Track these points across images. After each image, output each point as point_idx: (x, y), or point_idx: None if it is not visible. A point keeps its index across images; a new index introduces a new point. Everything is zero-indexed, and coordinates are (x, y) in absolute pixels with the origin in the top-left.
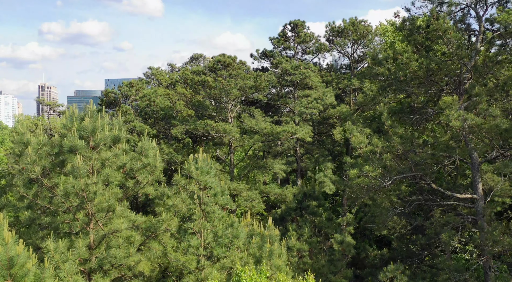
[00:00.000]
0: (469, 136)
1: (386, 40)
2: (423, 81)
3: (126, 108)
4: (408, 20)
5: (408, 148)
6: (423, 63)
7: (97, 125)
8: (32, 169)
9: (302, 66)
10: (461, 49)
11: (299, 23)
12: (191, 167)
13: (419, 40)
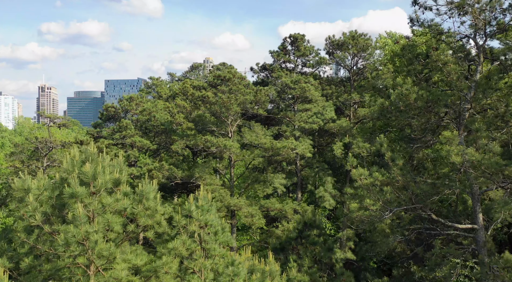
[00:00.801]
0: (469, 171)
1: (386, 53)
2: (422, 112)
3: (126, 123)
4: (408, 48)
5: (408, 179)
6: (423, 95)
7: (98, 171)
8: (33, 216)
9: (302, 80)
10: (461, 82)
11: (299, 37)
12: (192, 207)
13: (419, 69)
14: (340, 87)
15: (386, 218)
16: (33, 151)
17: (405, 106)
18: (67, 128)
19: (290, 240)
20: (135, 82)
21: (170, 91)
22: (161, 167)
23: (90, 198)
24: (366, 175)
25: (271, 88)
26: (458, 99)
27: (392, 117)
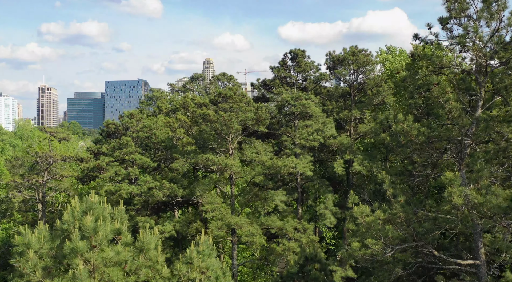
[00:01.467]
0: (471, 212)
1: (386, 69)
2: (424, 147)
3: (127, 140)
4: (409, 79)
5: (410, 216)
6: (424, 132)
7: (99, 225)
8: (33, 272)
9: (302, 97)
10: (462, 119)
11: (299, 53)
12: (193, 254)
13: (420, 103)
14: (340, 102)
15: (387, 255)
16: (34, 164)
17: (406, 141)
18: (67, 141)
19: (292, 275)
20: (135, 83)
21: (170, 103)
22: (161, 186)
23: (91, 252)
24: (368, 212)
25: (272, 104)
26: (460, 135)
27: (393, 151)
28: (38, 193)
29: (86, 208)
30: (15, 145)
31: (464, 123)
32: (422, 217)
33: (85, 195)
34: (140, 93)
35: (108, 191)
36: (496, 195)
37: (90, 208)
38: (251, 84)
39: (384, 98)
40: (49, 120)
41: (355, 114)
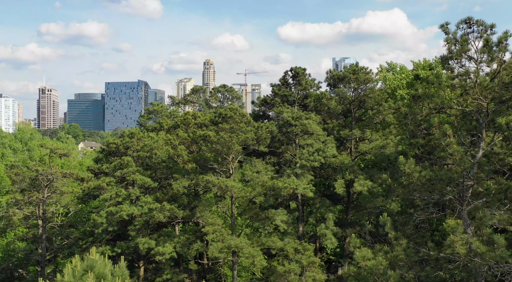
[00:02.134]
0: (474, 259)
1: (387, 87)
2: (425, 189)
3: (127, 160)
4: (409, 118)
5: (413, 260)
6: (425, 175)
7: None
8: None
9: (303, 117)
10: (464, 162)
11: (300, 72)
12: None
13: (421, 143)
14: (341, 120)
15: None
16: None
17: (408, 183)
18: (67, 157)
19: None
20: (135, 84)
21: (171, 117)
22: (162, 208)
23: None
24: (369, 256)
25: (272, 124)
26: (461, 177)
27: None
28: (39, 209)
29: (86, 266)
30: (16, 149)
31: (465, 166)
32: (424, 256)
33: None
34: (141, 94)
35: (108, 212)
36: (498, 245)
37: (90, 266)
38: (252, 102)
39: (384, 117)
40: (49, 121)
41: (356, 133)
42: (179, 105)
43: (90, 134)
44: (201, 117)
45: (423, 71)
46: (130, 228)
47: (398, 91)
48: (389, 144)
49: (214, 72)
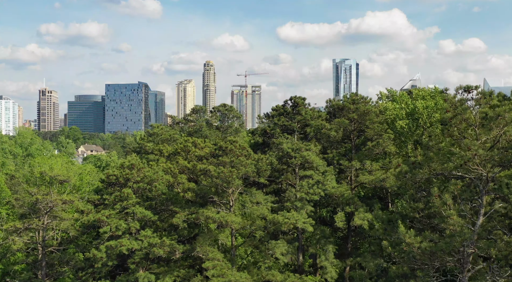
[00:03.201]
0: None
1: (386, 117)
2: (426, 257)
3: (127, 193)
4: (409, 182)
5: None
6: (426, 248)
7: None
8: None
9: (303, 148)
10: (464, 233)
11: (299, 102)
12: None
13: (421, 207)
14: (340, 148)
15: None
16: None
17: (408, 252)
18: (67, 182)
19: None
20: (135, 86)
21: (170, 140)
22: (162, 243)
23: None
24: None
25: (272, 154)
26: (461, 245)
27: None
28: (38, 235)
29: None
30: (16, 154)
31: (466, 236)
32: None
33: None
34: (141, 96)
35: (108, 246)
36: None
37: None
38: (252, 132)
39: (384, 148)
40: (49, 123)
41: (355, 164)
42: (179, 125)
43: (90, 137)
44: (201, 144)
45: (423, 101)
46: (130, 261)
47: (397, 121)
48: (388, 177)
49: (214, 74)
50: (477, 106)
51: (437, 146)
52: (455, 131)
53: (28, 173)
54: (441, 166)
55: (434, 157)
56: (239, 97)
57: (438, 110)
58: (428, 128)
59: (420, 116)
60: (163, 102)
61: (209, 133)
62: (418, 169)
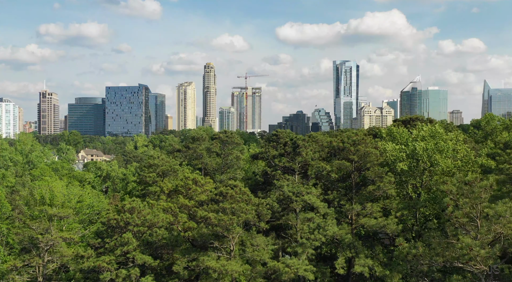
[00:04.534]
0: None
1: (387, 158)
2: None
3: (128, 238)
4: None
5: None
6: None
7: None
8: None
9: (303, 192)
10: None
11: (300, 143)
12: None
13: None
14: (341, 188)
15: None
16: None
17: None
18: (67, 218)
19: None
20: (136, 88)
21: (171, 171)
22: None
23: None
24: None
25: (273, 197)
26: None
27: None
28: (38, 271)
29: None
30: (16, 162)
31: None
32: None
33: None
34: (141, 98)
35: None
36: None
37: None
38: (253, 173)
39: (385, 191)
40: (50, 125)
41: (356, 207)
42: (180, 152)
43: (91, 140)
44: (202, 181)
45: (422, 142)
46: None
47: (398, 163)
48: (389, 224)
49: (214, 76)
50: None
51: (437, 238)
52: (456, 224)
53: (29, 195)
54: (443, 258)
55: (436, 247)
56: (239, 99)
57: (438, 152)
58: (429, 168)
59: (421, 158)
60: (163, 104)
61: (209, 161)
62: (420, 261)
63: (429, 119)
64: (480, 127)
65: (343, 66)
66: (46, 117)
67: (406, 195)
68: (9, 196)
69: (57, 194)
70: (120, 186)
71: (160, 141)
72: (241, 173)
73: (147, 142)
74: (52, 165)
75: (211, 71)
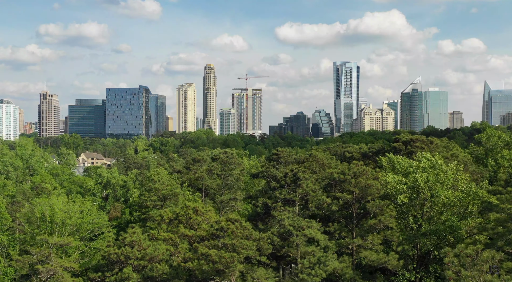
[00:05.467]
0: None
1: (388, 190)
2: None
3: (128, 273)
4: None
5: None
6: None
7: None
8: None
9: (304, 226)
10: None
11: (301, 176)
12: None
13: None
14: (342, 220)
15: None
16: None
17: None
18: (68, 247)
19: None
20: (136, 90)
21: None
22: None
23: None
24: None
25: (273, 230)
26: None
27: None
28: None
29: None
30: (17, 167)
31: None
32: None
33: None
34: (142, 100)
35: None
36: None
37: None
38: (254, 205)
39: (386, 225)
40: (50, 126)
41: (357, 241)
42: (181, 174)
43: (91, 142)
44: (202, 209)
45: (424, 174)
46: None
47: (399, 195)
48: (390, 260)
49: (215, 77)
50: None
51: None
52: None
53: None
54: None
55: None
56: (240, 100)
57: (439, 184)
58: (430, 198)
59: (422, 191)
60: (163, 105)
61: (210, 183)
62: None
63: (430, 140)
64: (481, 142)
65: (344, 67)
66: (47, 118)
67: (407, 226)
68: (9, 207)
69: (58, 211)
70: (120, 194)
71: (161, 144)
72: (242, 194)
73: (147, 146)
74: (53, 170)
75: (211, 72)
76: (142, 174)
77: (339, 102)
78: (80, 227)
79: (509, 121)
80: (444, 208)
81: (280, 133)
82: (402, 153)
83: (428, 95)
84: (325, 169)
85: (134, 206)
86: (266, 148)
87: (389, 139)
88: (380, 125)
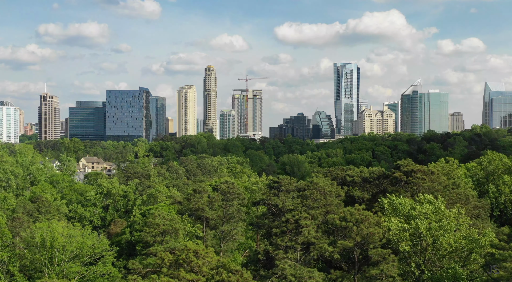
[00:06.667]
0: None
1: (390, 236)
2: None
3: None
4: None
5: None
6: None
7: None
8: None
9: (306, 277)
10: None
11: (302, 223)
12: None
13: None
14: (344, 266)
15: None
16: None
17: None
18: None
19: None
20: (136, 92)
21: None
22: None
23: None
24: None
25: (274, 280)
26: None
27: None
28: None
29: None
30: (17, 175)
31: None
32: None
33: None
34: (142, 102)
35: None
36: None
37: None
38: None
39: (388, 275)
40: (51, 128)
41: None
42: (182, 204)
43: (92, 145)
44: (202, 252)
45: (426, 221)
46: None
47: (401, 243)
48: None
49: (215, 78)
50: None
51: None
52: None
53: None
54: None
55: None
56: (240, 101)
57: (441, 230)
58: (432, 244)
59: (424, 238)
60: (164, 107)
61: (210, 215)
62: None
63: (431, 171)
64: (482, 166)
65: (344, 68)
66: (47, 120)
67: (409, 272)
68: (9, 223)
69: (58, 236)
70: (121, 204)
71: (161, 149)
72: (243, 225)
73: (147, 151)
74: (53, 177)
75: (211, 73)
76: (143, 184)
77: (340, 103)
78: (81, 252)
79: (509, 122)
80: (446, 253)
81: (280, 135)
82: (403, 183)
83: (429, 97)
84: (326, 197)
85: (134, 225)
86: (266, 153)
87: (389, 145)
88: (380, 127)
